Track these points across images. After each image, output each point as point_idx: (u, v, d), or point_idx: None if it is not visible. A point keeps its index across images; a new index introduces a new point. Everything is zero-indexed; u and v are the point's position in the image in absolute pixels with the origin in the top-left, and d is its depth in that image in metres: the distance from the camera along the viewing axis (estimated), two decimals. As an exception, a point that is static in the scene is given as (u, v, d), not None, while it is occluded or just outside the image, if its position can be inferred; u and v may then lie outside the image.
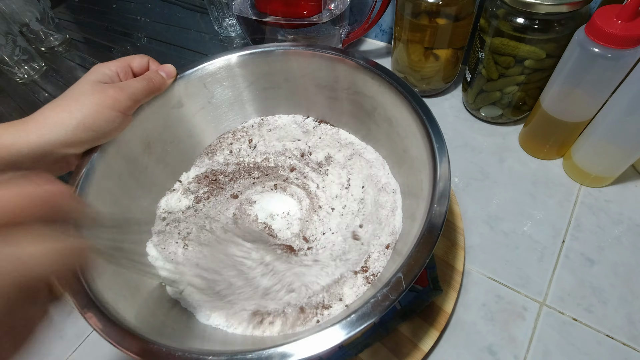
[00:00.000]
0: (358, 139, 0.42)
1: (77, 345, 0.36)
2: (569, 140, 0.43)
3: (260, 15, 0.50)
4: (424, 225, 0.26)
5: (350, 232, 0.36)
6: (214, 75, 0.39)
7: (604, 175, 0.41)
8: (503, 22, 0.38)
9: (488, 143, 0.48)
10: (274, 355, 0.22)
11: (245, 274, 0.31)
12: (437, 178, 0.28)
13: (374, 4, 0.50)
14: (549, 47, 0.38)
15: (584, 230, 0.40)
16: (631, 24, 0.31)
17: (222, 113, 0.42)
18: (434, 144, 0.30)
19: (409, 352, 0.33)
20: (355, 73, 0.37)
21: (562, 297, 0.36)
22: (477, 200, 0.43)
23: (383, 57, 0.60)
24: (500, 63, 0.41)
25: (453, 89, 0.55)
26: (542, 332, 0.34)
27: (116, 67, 0.32)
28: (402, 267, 0.24)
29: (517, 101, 0.45)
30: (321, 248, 0.35)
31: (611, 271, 0.37)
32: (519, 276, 0.37)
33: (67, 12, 0.78)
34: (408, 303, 0.35)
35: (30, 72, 0.62)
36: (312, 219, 0.37)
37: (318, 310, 0.30)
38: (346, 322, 0.22)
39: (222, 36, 0.65)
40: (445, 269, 0.37)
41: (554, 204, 0.42)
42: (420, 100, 0.33)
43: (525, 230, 0.40)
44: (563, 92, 0.38)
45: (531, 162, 0.46)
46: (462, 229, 0.39)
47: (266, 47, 0.39)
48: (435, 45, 0.46)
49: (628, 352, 0.33)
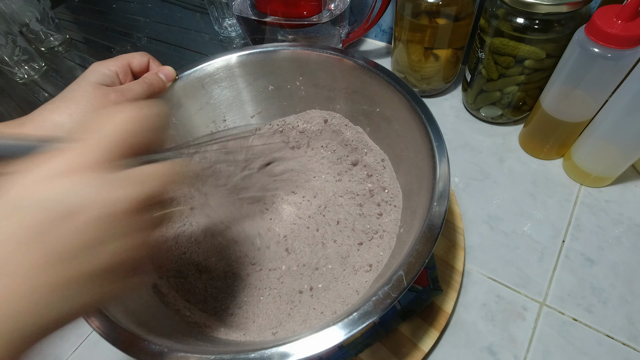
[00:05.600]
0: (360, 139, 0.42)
1: (77, 345, 0.36)
2: (569, 140, 0.43)
3: (260, 15, 0.50)
4: (424, 224, 0.26)
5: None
6: (212, 76, 0.39)
7: (604, 175, 0.41)
8: (503, 22, 0.38)
9: (488, 143, 0.48)
10: (274, 355, 0.22)
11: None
12: (437, 178, 0.28)
13: (374, 4, 0.50)
14: (549, 47, 0.38)
15: (584, 230, 0.40)
16: (631, 24, 0.31)
17: (221, 114, 0.42)
18: (433, 144, 0.30)
19: (409, 352, 0.33)
20: (355, 73, 0.37)
21: (562, 297, 0.36)
22: (477, 200, 0.43)
23: (383, 57, 0.60)
24: (500, 63, 0.41)
25: (453, 89, 0.55)
26: (542, 332, 0.34)
27: (116, 66, 0.32)
28: (402, 266, 0.24)
29: (517, 101, 0.45)
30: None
31: (611, 271, 0.37)
32: (519, 276, 0.37)
33: (67, 12, 0.78)
34: (408, 303, 0.35)
35: (30, 72, 0.62)
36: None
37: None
38: (346, 321, 0.22)
39: (222, 36, 0.65)
40: (445, 269, 0.37)
41: (554, 204, 0.42)
42: (419, 100, 0.33)
43: (525, 230, 0.40)
44: (563, 92, 0.38)
45: (531, 162, 0.46)
46: (462, 229, 0.39)
47: (266, 47, 0.39)
48: (435, 45, 0.46)
49: (628, 352, 0.33)
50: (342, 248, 0.36)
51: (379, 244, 0.35)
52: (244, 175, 0.36)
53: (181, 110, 0.39)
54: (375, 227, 0.36)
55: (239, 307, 0.33)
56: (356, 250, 0.35)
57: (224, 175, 0.35)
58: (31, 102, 0.59)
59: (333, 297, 0.33)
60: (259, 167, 0.38)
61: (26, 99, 0.59)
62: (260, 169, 0.39)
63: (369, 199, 0.38)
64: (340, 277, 0.34)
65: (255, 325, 0.32)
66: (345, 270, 0.34)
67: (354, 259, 0.35)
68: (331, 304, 0.32)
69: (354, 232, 0.36)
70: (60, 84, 0.61)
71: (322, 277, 0.34)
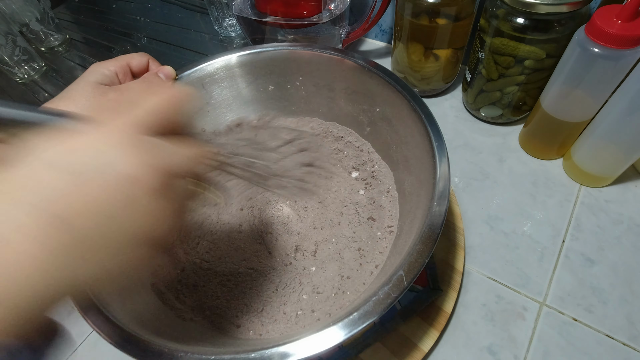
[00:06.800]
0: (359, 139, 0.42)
1: (77, 345, 0.36)
2: (569, 140, 0.43)
3: (260, 15, 0.50)
4: (424, 224, 0.26)
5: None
6: (212, 76, 0.39)
7: (604, 175, 0.41)
8: (503, 22, 0.38)
9: (488, 143, 0.48)
10: (274, 355, 0.22)
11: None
12: (437, 178, 0.28)
13: (374, 4, 0.50)
14: (549, 47, 0.38)
15: (584, 230, 0.40)
16: (631, 24, 0.31)
17: (220, 114, 0.42)
18: (433, 144, 0.30)
19: (409, 352, 0.33)
20: (355, 73, 0.37)
21: (562, 297, 0.36)
22: (477, 200, 0.43)
23: (383, 57, 0.60)
24: (500, 63, 0.41)
25: (453, 89, 0.55)
26: (542, 332, 0.34)
27: (115, 67, 0.32)
28: (402, 266, 0.24)
29: (517, 101, 0.45)
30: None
31: (611, 271, 0.37)
32: (519, 276, 0.37)
33: (67, 12, 0.78)
34: (408, 303, 0.35)
35: (30, 72, 0.62)
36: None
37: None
38: (346, 321, 0.22)
39: (222, 36, 0.65)
40: (445, 269, 0.37)
41: (554, 204, 0.42)
42: (419, 100, 0.33)
43: (525, 230, 0.40)
44: (563, 92, 0.38)
45: (531, 162, 0.46)
46: (462, 229, 0.39)
47: (266, 47, 0.39)
48: (435, 45, 0.46)
49: (628, 352, 0.33)
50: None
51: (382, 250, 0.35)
52: (275, 159, 0.36)
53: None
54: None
55: (245, 306, 0.33)
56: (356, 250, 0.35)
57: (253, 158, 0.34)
58: (31, 102, 0.59)
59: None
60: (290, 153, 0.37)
61: (26, 99, 0.59)
62: (291, 156, 0.38)
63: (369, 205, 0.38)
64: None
65: (256, 325, 0.32)
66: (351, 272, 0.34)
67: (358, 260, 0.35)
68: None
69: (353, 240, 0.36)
70: (60, 84, 0.61)
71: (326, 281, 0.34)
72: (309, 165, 0.35)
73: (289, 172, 0.32)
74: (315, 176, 0.36)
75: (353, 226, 0.37)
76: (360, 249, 0.35)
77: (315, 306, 0.33)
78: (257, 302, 0.33)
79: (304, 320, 0.32)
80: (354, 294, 0.33)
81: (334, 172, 0.41)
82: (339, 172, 0.41)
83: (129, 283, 0.29)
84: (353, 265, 0.35)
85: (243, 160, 0.29)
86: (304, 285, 0.34)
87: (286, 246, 0.37)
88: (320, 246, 0.36)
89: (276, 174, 0.31)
